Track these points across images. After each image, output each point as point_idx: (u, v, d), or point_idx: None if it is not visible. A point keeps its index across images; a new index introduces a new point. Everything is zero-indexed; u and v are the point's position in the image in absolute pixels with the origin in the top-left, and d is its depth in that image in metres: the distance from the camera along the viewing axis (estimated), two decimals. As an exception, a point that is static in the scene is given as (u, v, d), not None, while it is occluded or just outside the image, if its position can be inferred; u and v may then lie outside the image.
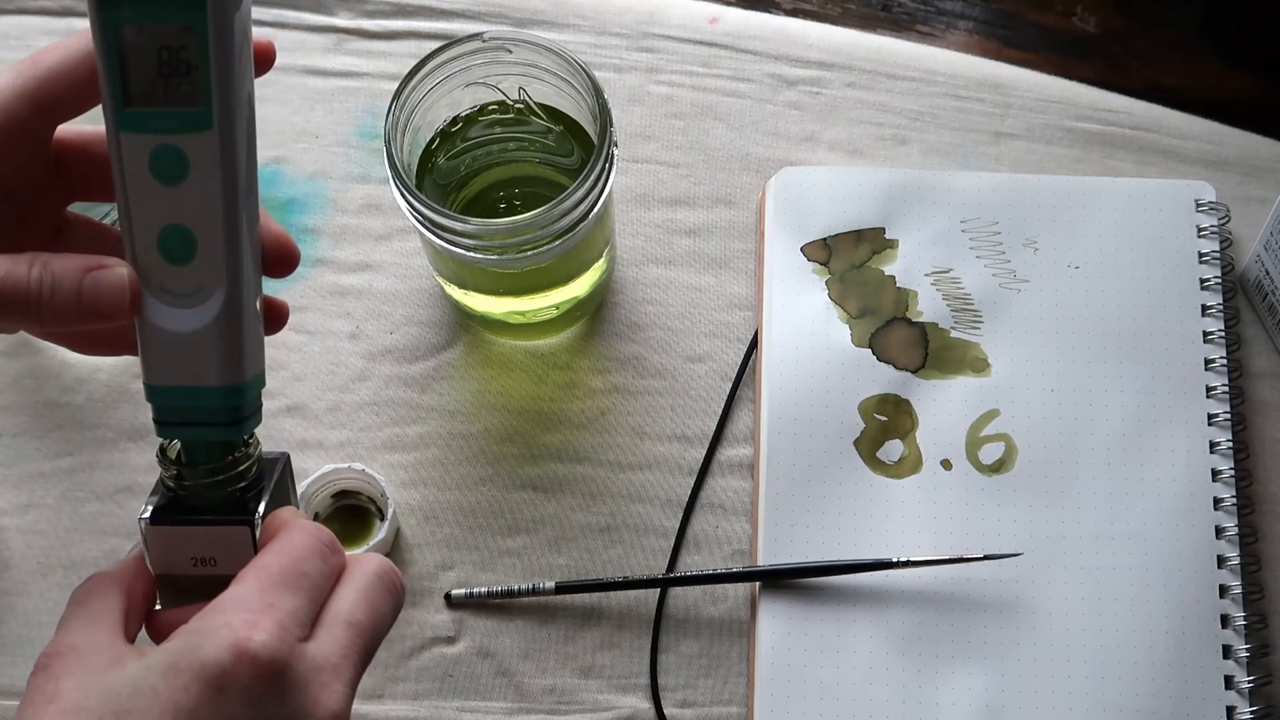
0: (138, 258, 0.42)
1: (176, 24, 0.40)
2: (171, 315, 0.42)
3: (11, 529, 0.61)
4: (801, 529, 0.60)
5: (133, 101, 0.41)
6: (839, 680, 0.58)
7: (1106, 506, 0.61)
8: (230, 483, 0.44)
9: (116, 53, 0.40)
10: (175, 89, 0.40)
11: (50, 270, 0.41)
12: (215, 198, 0.41)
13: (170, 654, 0.39)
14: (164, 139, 0.41)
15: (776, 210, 0.65)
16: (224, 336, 0.42)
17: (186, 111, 0.40)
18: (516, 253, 0.55)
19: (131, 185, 0.41)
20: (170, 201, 0.41)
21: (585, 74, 0.54)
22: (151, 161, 0.41)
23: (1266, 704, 0.58)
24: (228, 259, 0.42)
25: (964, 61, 0.70)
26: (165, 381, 0.43)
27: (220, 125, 0.41)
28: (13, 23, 0.69)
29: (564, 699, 0.59)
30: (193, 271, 0.42)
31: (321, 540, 0.43)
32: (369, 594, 0.42)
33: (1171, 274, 0.64)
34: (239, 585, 0.41)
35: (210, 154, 0.41)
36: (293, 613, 0.40)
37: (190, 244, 0.42)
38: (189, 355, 0.42)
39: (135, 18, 0.40)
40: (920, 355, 0.63)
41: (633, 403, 0.63)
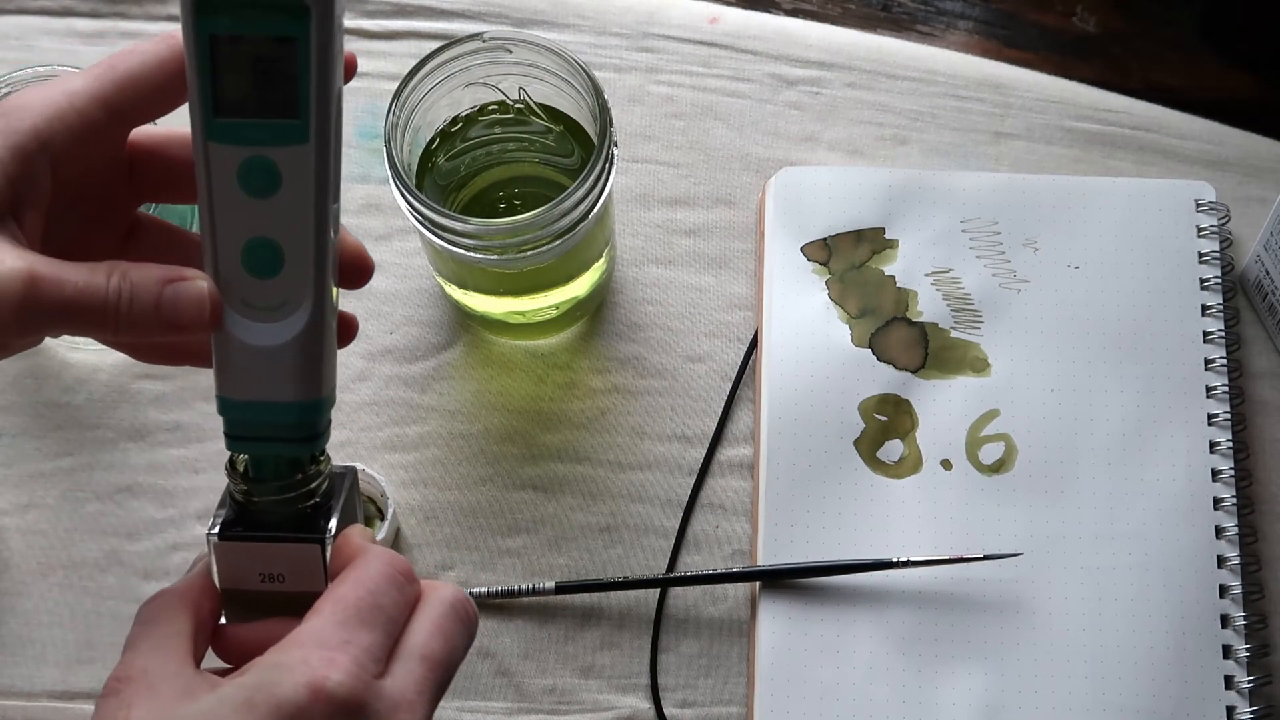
0: (219, 269, 0.41)
1: (275, 36, 0.39)
2: (251, 329, 0.41)
3: (11, 529, 0.61)
4: (801, 529, 0.60)
5: (224, 112, 0.39)
6: (839, 680, 0.58)
7: (1106, 506, 0.61)
8: (301, 499, 0.43)
9: (210, 61, 0.39)
10: (269, 100, 0.39)
11: (129, 280, 0.40)
12: (307, 211, 0.40)
13: (245, 689, 0.38)
14: (256, 151, 0.40)
15: (776, 210, 0.65)
16: (305, 352, 0.41)
17: (281, 123, 0.39)
18: (516, 253, 0.55)
19: (218, 196, 0.40)
20: (258, 214, 0.40)
21: (585, 74, 0.54)
22: (240, 173, 0.40)
23: (1266, 704, 0.58)
24: (316, 273, 0.41)
25: (964, 61, 0.70)
26: (241, 395, 0.41)
27: (316, 138, 0.40)
28: (13, 23, 0.69)
29: (564, 699, 0.59)
30: (277, 286, 0.41)
31: (397, 569, 0.42)
32: (443, 625, 0.42)
33: (1171, 274, 0.64)
34: (315, 619, 0.40)
35: (305, 167, 0.40)
36: (369, 649, 0.39)
37: (277, 258, 0.40)
38: (267, 370, 0.41)
39: (232, 27, 0.39)
40: (920, 355, 0.63)
41: (633, 403, 0.63)
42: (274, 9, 0.38)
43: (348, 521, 0.44)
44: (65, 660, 0.60)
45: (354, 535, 0.44)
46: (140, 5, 0.69)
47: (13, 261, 0.39)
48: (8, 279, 0.38)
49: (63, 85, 0.41)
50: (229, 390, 0.42)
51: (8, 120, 0.40)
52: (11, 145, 0.40)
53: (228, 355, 0.41)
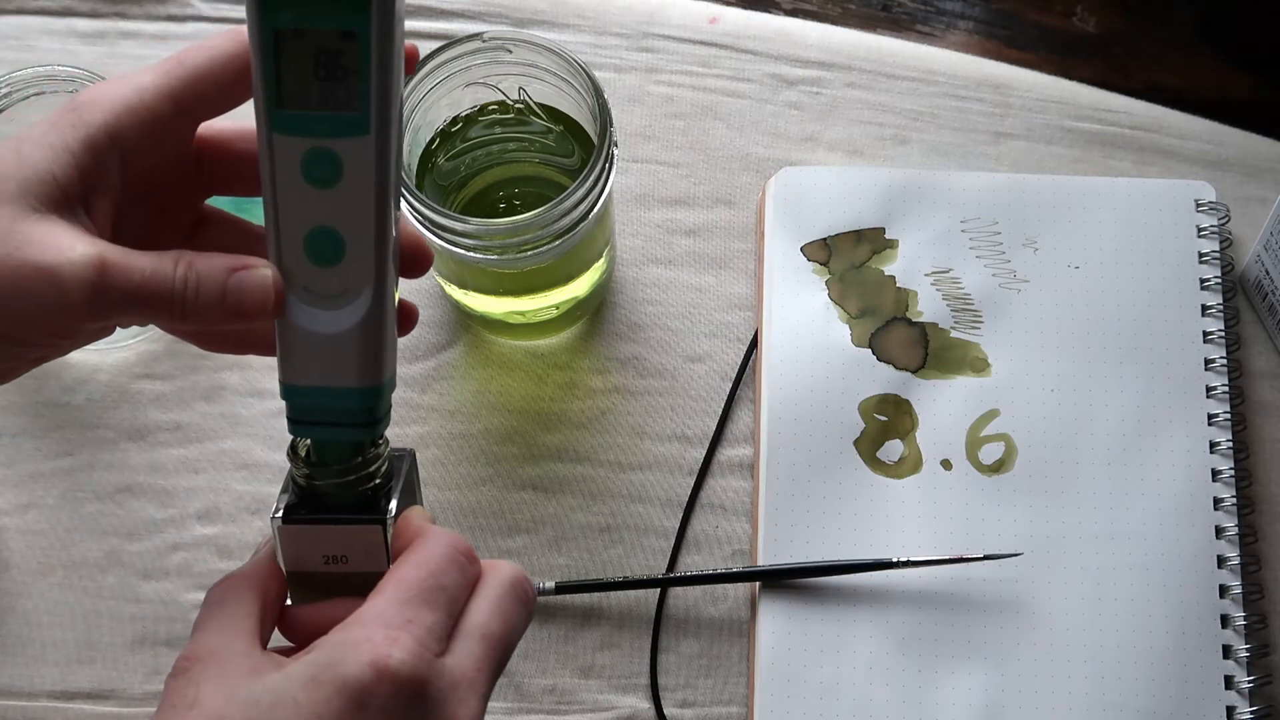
0: (282, 258, 0.42)
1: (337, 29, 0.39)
2: (314, 316, 0.42)
3: (11, 529, 0.61)
4: (801, 529, 0.60)
5: (286, 103, 0.40)
6: (839, 680, 0.58)
7: (1106, 506, 0.61)
8: (361, 482, 0.43)
9: (273, 55, 0.40)
10: (332, 92, 0.40)
11: (195, 269, 0.41)
12: (368, 201, 0.41)
13: (312, 666, 0.39)
14: (318, 142, 0.40)
15: (776, 210, 0.65)
16: (367, 338, 0.42)
17: (343, 115, 0.40)
18: (516, 253, 0.55)
19: (281, 186, 0.41)
20: (320, 204, 0.41)
21: (585, 74, 0.54)
22: (304, 163, 0.41)
23: (1266, 704, 0.58)
24: (377, 261, 0.41)
25: (964, 61, 0.70)
26: (303, 381, 0.42)
27: (377, 130, 0.40)
28: (13, 23, 0.69)
29: (564, 699, 0.59)
30: (339, 273, 0.41)
31: (459, 550, 0.43)
32: (502, 605, 0.43)
33: (1171, 274, 0.64)
34: (378, 598, 0.41)
35: (366, 158, 0.40)
36: (430, 628, 0.40)
37: (339, 246, 0.41)
38: (329, 356, 0.42)
39: (296, 21, 0.39)
40: (920, 355, 0.63)
41: (633, 403, 0.63)
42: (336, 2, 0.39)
43: (408, 502, 0.45)
44: (65, 660, 0.60)
45: (415, 516, 0.44)
46: (140, 5, 0.69)
47: (84, 248, 0.40)
48: (80, 264, 0.39)
49: (133, 80, 0.42)
50: (292, 376, 0.42)
51: (79, 114, 0.41)
52: (84, 138, 0.41)
53: (291, 342, 0.42)
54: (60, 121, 0.41)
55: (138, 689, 0.60)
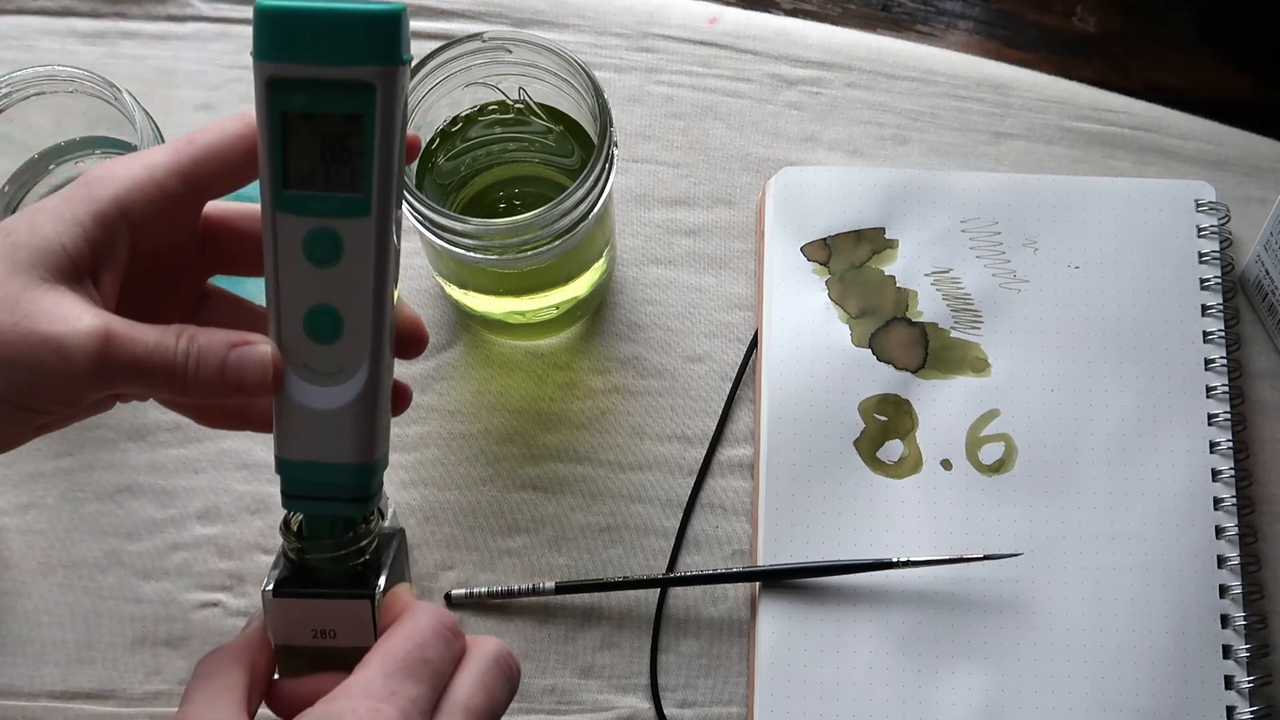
0: (282, 335, 0.43)
1: (343, 113, 0.41)
2: (311, 392, 0.43)
3: (11, 529, 0.61)
4: (801, 529, 0.60)
5: (292, 184, 0.41)
6: (839, 680, 0.58)
7: (1106, 506, 0.61)
8: (352, 557, 0.45)
9: (281, 136, 0.41)
10: (336, 174, 0.41)
11: (197, 344, 0.42)
12: (367, 281, 0.42)
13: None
14: (321, 222, 0.42)
15: (776, 210, 0.65)
16: (361, 415, 0.43)
17: (346, 197, 0.41)
18: (516, 253, 0.55)
19: (284, 265, 0.42)
20: (321, 282, 0.42)
21: (585, 74, 0.54)
22: (306, 243, 0.42)
23: (1266, 704, 0.58)
24: (373, 340, 0.43)
25: (964, 61, 0.70)
26: (298, 456, 0.43)
27: (378, 211, 0.42)
28: (13, 23, 0.69)
29: (564, 699, 0.59)
30: (337, 351, 0.43)
31: (444, 624, 0.43)
32: (486, 680, 0.43)
33: (1171, 274, 0.64)
34: (365, 670, 0.41)
35: (366, 239, 0.42)
36: (415, 700, 0.41)
37: (337, 324, 0.42)
38: (325, 432, 0.43)
39: (304, 105, 0.41)
40: (920, 355, 0.63)
41: (633, 403, 0.63)
42: (342, 88, 0.40)
43: (397, 579, 0.46)
44: (65, 660, 0.60)
45: (402, 592, 0.45)
46: (140, 5, 0.69)
47: (90, 319, 0.41)
48: (85, 335, 0.40)
49: (145, 158, 0.43)
50: (288, 451, 0.43)
51: (91, 189, 0.42)
52: (94, 212, 0.42)
53: (288, 417, 0.43)
54: (73, 195, 0.42)
55: (138, 689, 0.60)
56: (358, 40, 0.40)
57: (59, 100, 0.61)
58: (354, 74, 0.40)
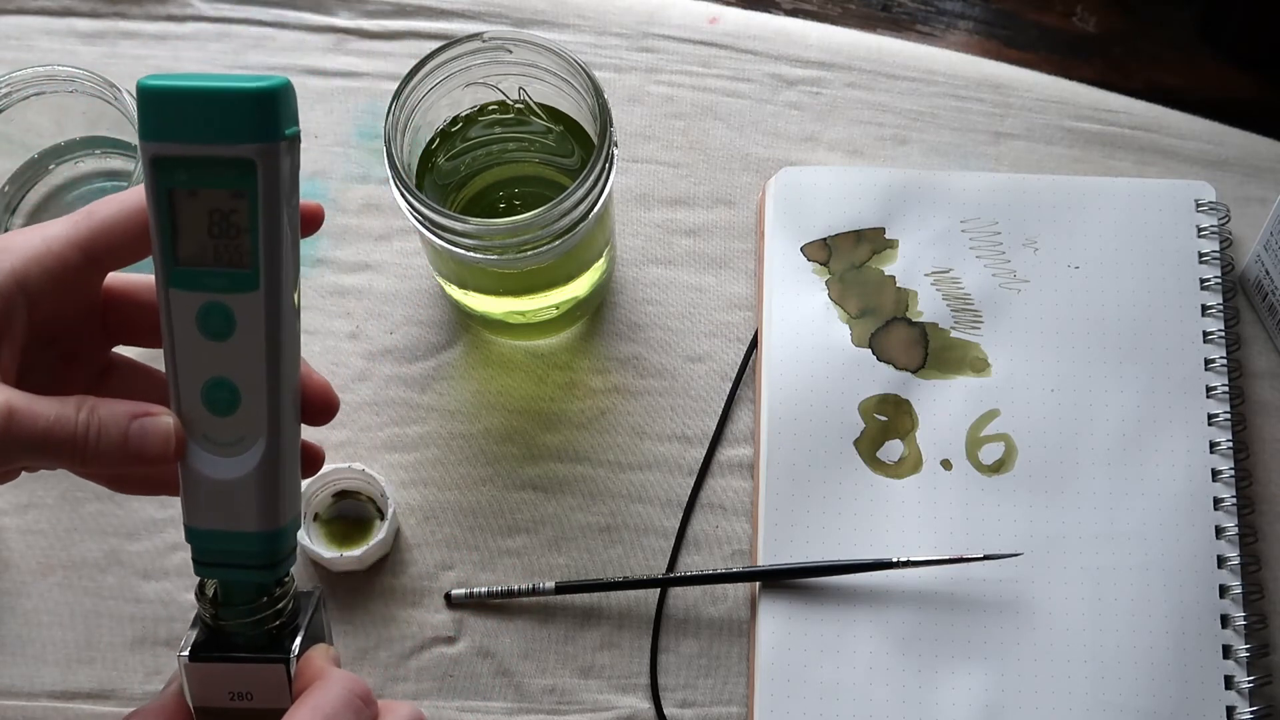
0: (182, 406, 0.43)
1: (227, 190, 0.41)
2: (213, 463, 0.43)
3: (11, 529, 0.61)
4: (801, 529, 0.60)
5: (182, 261, 0.42)
6: (839, 680, 0.58)
7: (1106, 506, 0.61)
8: (266, 621, 0.45)
9: (169, 214, 0.41)
10: (224, 250, 0.42)
11: (98, 415, 0.42)
12: (259, 354, 0.42)
13: None
14: (212, 297, 0.42)
15: (776, 210, 0.65)
16: (263, 485, 0.43)
17: (234, 272, 0.42)
18: (516, 253, 0.55)
19: (179, 339, 0.43)
20: (216, 356, 0.43)
21: (585, 74, 0.54)
22: (199, 317, 0.42)
23: (1266, 704, 0.58)
24: (269, 412, 0.43)
25: (964, 61, 0.70)
26: (205, 525, 0.44)
27: (266, 286, 0.42)
28: (13, 23, 0.69)
29: (564, 699, 0.59)
30: (235, 423, 0.43)
31: (355, 693, 0.44)
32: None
33: (1171, 274, 0.64)
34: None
35: (256, 313, 0.42)
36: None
37: (234, 397, 0.43)
38: (229, 501, 0.43)
39: (188, 182, 0.41)
40: (920, 355, 0.63)
41: (633, 403, 0.63)
42: (224, 164, 0.41)
43: (314, 640, 0.47)
44: (65, 660, 0.60)
45: (317, 657, 0.46)
46: (140, 5, 0.69)
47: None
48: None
49: (42, 231, 0.44)
50: (195, 520, 0.44)
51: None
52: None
53: (192, 487, 0.44)
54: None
55: (138, 689, 0.60)
56: (236, 119, 0.40)
57: (59, 100, 0.61)
58: (234, 152, 0.40)
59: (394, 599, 0.60)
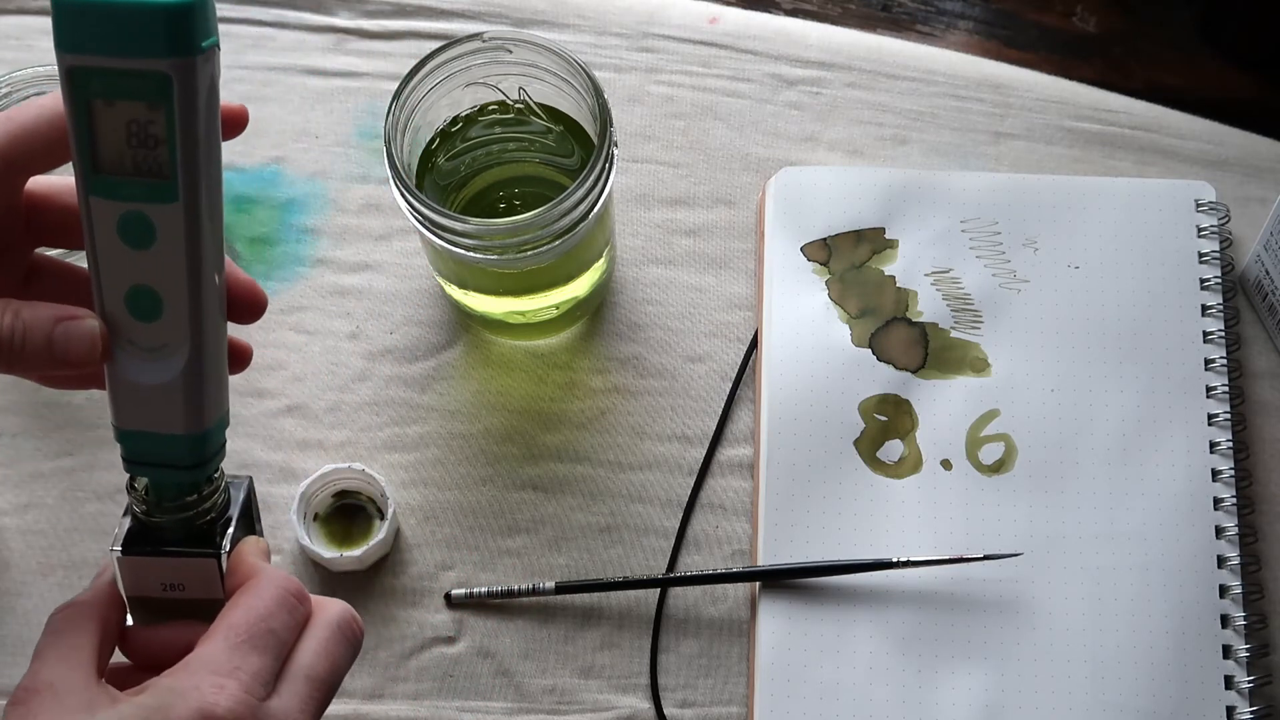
0: (106, 311, 0.43)
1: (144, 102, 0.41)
2: (138, 367, 0.44)
3: (11, 529, 0.61)
4: (801, 529, 0.60)
5: (102, 169, 0.42)
6: (839, 680, 0.58)
7: (1106, 506, 0.61)
8: (197, 517, 0.46)
9: (87, 124, 0.41)
10: (143, 160, 0.41)
11: (22, 319, 0.43)
12: (180, 263, 0.42)
13: (144, 709, 0.41)
14: (132, 206, 0.42)
15: (776, 210, 0.65)
16: (188, 390, 0.44)
17: (153, 183, 0.42)
18: (516, 253, 0.55)
19: (101, 247, 0.43)
20: (138, 264, 0.43)
21: (585, 74, 0.54)
22: (120, 226, 0.42)
23: (1266, 704, 0.58)
24: (191, 319, 0.43)
25: (964, 61, 0.70)
26: (132, 426, 0.44)
27: (185, 197, 0.42)
28: (13, 23, 0.69)
29: (564, 699, 0.59)
30: (159, 329, 0.43)
31: (289, 591, 0.45)
32: (328, 646, 0.45)
33: (1171, 274, 0.64)
34: (208, 644, 0.43)
35: (175, 224, 0.42)
36: (256, 674, 0.43)
37: (157, 304, 0.43)
38: (155, 404, 0.44)
39: (106, 93, 0.41)
40: (920, 355, 0.63)
41: (633, 403, 0.63)
42: (141, 77, 0.40)
43: (245, 530, 0.47)
44: (65, 660, 0.60)
45: (247, 553, 0.47)
46: (140, 5, 0.69)
47: None
48: None
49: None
50: (122, 421, 0.44)
51: None
52: None
53: (119, 390, 0.44)
54: None
55: (138, 689, 0.59)
56: (150, 33, 0.40)
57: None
58: (149, 65, 0.40)
59: (394, 599, 0.60)
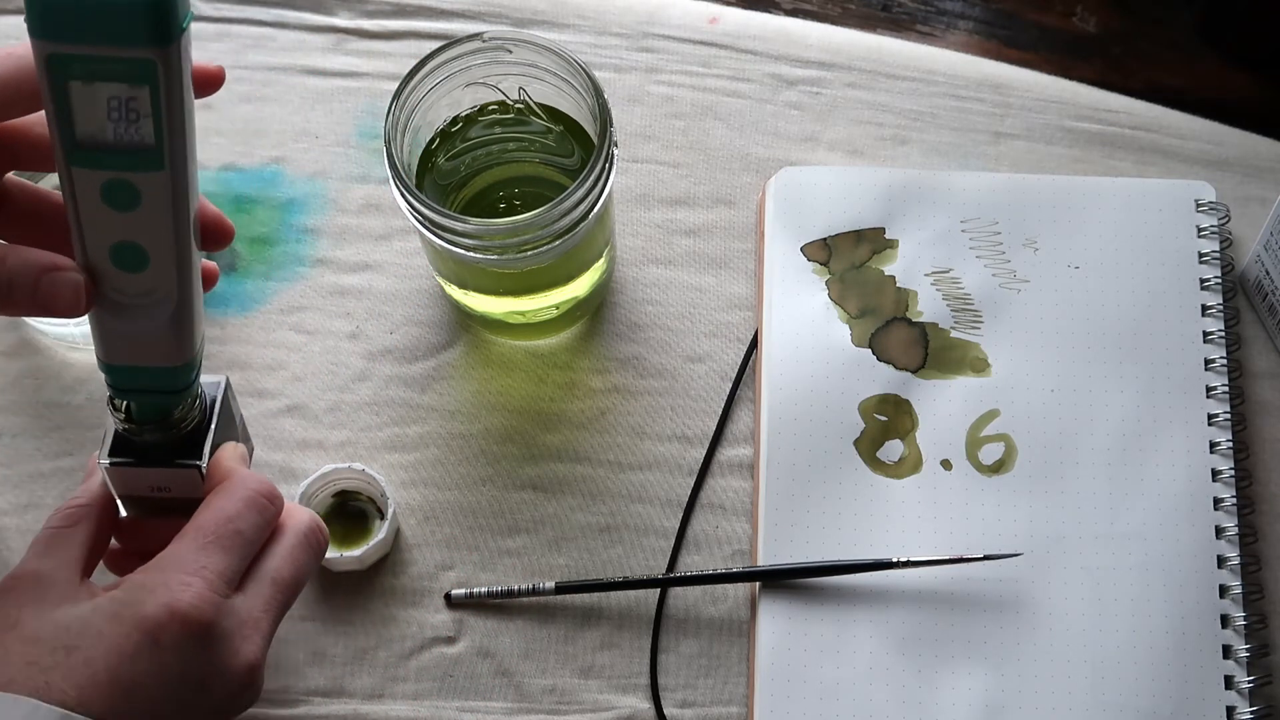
0: (91, 263, 0.44)
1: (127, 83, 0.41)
2: (124, 311, 0.45)
3: (11, 529, 0.61)
4: (801, 529, 0.60)
5: (82, 142, 0.42)
6: (839, 680, 0.58)
7: (1106, 506, 0.61)
8: (177, 430, 0.49)
9: (65, 102, 0.41)
10: (125, 132, 0.42)
11: (7, 267, 0.44)
12: (166, 221, 0.43)
13: (116, 602, 0.46)
14: (115, 175, 0.42)
15: (776, 210, 0.65)
16: (175, 327, 0.46)
17: (138, 152, 0.42)
18: (516, 253, 0.55)
19: (84, 208, 0.43)
20: (122, 223, 0.43)
21: (585, 74, 0.54)
22: (103, 191, 0.43)
23: (1266, 704, 0.58)
24: (179, 269, 0.44)
25: (964, 61, 0.70)
26: (118, 361, 0.47)
27: (171, 164, 0.42)
28: (13, 23, 0.69)
29: (564, 699, 0.59)
30: (145, 279, 0.44)
31: (259, 493, 0.49)
32: (294, 553, 0.50)
33: (1171, 274, 0.64)
34: (179, 544, 0.47)
35: (162, 188, 0.43)
36: (221, 572, 0.47)
37: (143, 258, 0.44)
38: (141, 343, 0.46)
39: (85, 76, 0.41)
40: (920, 355, 0.63)
41: (633, 403, 0.63)
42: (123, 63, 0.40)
43: (226, 430, 0.51)
44: (65, 660, 0.60)
45: (225, 458, 0.51)
46: (140, 5, 0.69)
47: None
48: None
49: None
50: (108, 356, 0.47)
51: None
52: None
53: (104, 330, 0.46)
54: None
55: (138, 689, 0.59)
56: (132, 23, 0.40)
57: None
58: (133, 54, 0.40)
59: (394, 599, 0.60)
